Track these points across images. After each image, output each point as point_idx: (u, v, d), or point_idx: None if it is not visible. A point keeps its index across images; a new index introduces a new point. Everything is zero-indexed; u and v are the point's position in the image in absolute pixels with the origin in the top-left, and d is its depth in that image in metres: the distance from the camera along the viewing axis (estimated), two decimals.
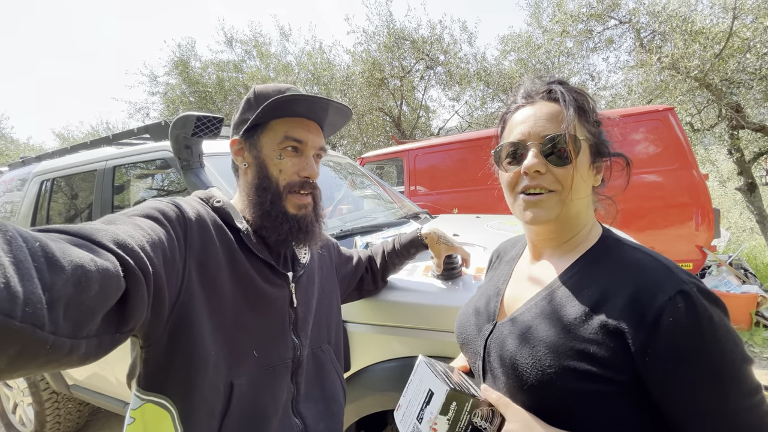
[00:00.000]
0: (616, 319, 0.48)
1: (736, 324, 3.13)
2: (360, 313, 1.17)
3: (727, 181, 6.70)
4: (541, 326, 0.54)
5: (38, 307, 0.32)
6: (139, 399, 0.61)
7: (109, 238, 0.46)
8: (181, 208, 0.64)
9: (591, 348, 0.49)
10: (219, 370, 0.64)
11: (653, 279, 0.49)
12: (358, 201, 2.34)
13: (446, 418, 0.54)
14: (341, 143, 9.86)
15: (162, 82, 10.18)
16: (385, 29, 7.97)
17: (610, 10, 5.83)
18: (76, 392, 2.05)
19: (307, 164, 0.75)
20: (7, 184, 2.66)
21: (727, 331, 0.45)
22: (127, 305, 0.46)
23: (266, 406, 0.69)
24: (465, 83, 8.30)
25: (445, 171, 4.33)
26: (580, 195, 0.57)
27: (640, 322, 0.46)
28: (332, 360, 0.86)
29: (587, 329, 0.50)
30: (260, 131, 0.74)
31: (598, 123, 0.61)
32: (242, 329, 0.68)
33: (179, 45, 9.77)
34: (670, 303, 0.45)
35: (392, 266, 1.13)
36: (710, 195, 3.11)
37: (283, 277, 0.76)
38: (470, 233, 1.64)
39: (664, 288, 0.47)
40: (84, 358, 0.40)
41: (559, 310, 0.54)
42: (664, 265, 0.50)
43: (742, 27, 4.44)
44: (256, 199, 0.73)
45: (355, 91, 8.52)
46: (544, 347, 0.52)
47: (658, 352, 0.45)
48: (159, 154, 1.73)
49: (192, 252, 0.62)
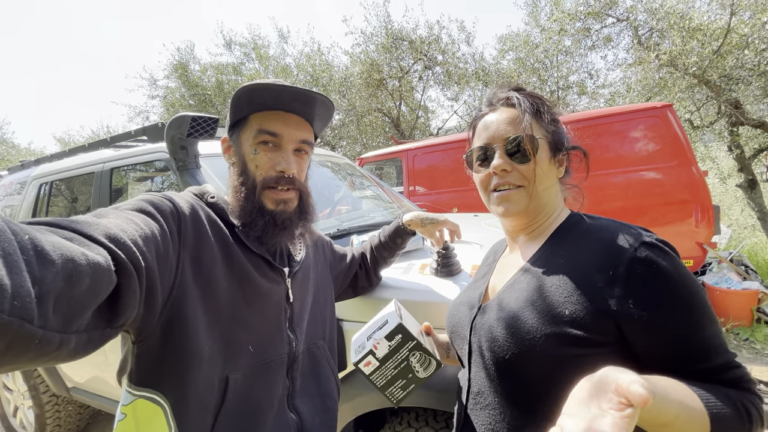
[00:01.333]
0: (590, 279, 0.53)
1: (737, 321, 3.12)
2: (356, 311, 1.16)
3: (728, 178, 6.67)
4: (519, 300, 0.58)
5: (27, 300, 0.32)
6: (131, 395, 0.61)
7: (101, 231, 0.45)
8: (174, 202, 0.63)
9: (567, 311, 0.52)
10: (214, 365, 0.63)
11: (617, 237, 0.54)
12: (356, 201, 2.34)
13: (389, 343, 0.63)
14: (340, 144, 9.87)
15: (161, 86, 10.22)
16: (383, 30, 7.98)
17: (607, 8, 5.83)
18: (76, 395, 2.05)
19: (282, 158, 0.72)
20: (7, 187, 2.67)
21: (686, 270, 0.52)
22: (119, 300, 0.45)
23: (261, 401, 0.69)
24: (463, 83, 8.30)
25: (444, 171, 4.33)
26: (545, 186, 0.64)
27: (614, 277, 0.51)
28: (327, 356, 0.86)
29: (563, 294, 0.54)
30: (240, 127, 0.74)
31: (555, 122, 0.67)
32: (238, 324, 0.67)
33: (178, 48, 9.81)
34: (637, 253, 0.51)
35: (382, 260, 1.12)
36: (710, 192, 3.10)
37: (279, 272, 0.76)
38: (469, 231, 1.64)
39: (628, 242, 0.53)
40: (74, 353, 0.40)
41: (535, 282, 0.58)
42: (623, 224, 0.57)
43: (740, 23, 4.43)
44: (236, 195, 0.73)
45: (354, 92, 8.53)
46: (523, 317, 0.56)
47: (637, 298, 0.50)
48: (156, 155, 1.73)
49: (186, 246, 0.62)
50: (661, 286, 0.50)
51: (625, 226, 0.56)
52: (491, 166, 0.64)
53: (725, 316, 3.15)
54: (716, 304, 3.24)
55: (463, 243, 1.33)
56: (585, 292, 0.52)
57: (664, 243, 0.53)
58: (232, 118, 0.73)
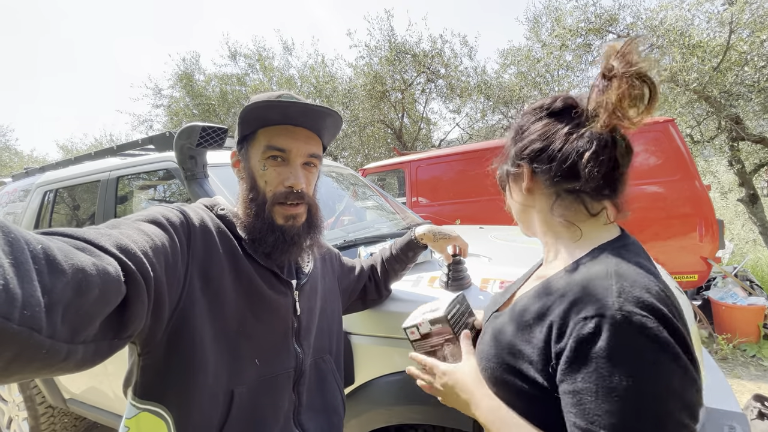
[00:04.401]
0: (549, 326, 0.51)
1: (744, 337, 3.08)
2: (364, 324, 1.15)
3: (729, 193, 6.69)
4: (507, 321, 0.59)
5: (36, 310, 0.32)
6: (135, 408, 0.60)
7: (112, 242, 0.45)
8: (186, 214, 0.64)
9: (525, 348, 0.53)
10: (219, 379, 0.63)
11: (588, 294, 0.48)
12: (360, 212, 2.34)
13: (430, 327, 0.72)
14: (342, 155, 9.92)
15: (166, 95, 10.33)
16: (387, 43, 8.10)
17: (608, 24, 5.93)
18: (73, 406, 2.01)
19: (291, 173, 0.71)
20: (10, 194, 2.67)
21: (643, 365, 0.42)
22: (127, 311, 0.45)
23: (266, 417, 0.68)
24: (466, 96, 8.39)
25: (447, 182, 4.34)
26: (515, 209, 0.69)
27: (560, 332, 0.49)
28: (333, 371, 0.85)
29: (529, 331, 0.54)
30: (249, 142, 0.73)
31: (518, 137, 0.65)
32: (245, 337, 0.67)
33: (184, 59, 9.94)
34: (583, 322, 0.46)
35: (393, 272, 1.11)
36: (713, 206, 3.09)
37: (287, 284, 0.75)
38: (476, 244, 1.63)
39: (590, 305, 0.47)
40: (81, 364, 0.39)
41: (520, 312, 0.58)
42: (608, 284, 0.47)
43: (739, 41, 4.50)
44: (246, 211, 0.72)
45: (357, 103, 8.61)
46: (498, 339, 0.58)
47: (565, 360, 0.47)
48: (162, 164, 1.73)
49: (195, 258, 0.62)
50: (585, 356, 0.45)
51: (605, 288, 0.47)
52: None
53: (731, 331, 3.11)
54: (722, 319, 3.21)
55: (471, 256, 1.31)
56: (543, 336, 0.51)
57: (631, 322, 0.43)
58: (240, 132, 0.73)
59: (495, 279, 1.17)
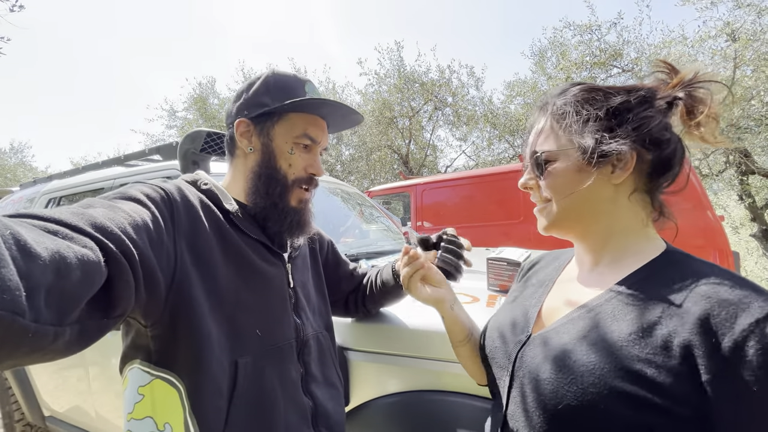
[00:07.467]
0: (683, 339, 0.40)
1: None
2: (362, 340, 1.07)
3: (740, 228, 6.58)
4: (587, 340, 0.47)
5: (16, 294, 0.32)
6: (149, 374, 0.61)
7: (86, 222, 0.44)
8: (165, 189, 0.63)
9: (647, 370, 0.41)
10: (222, 349, 0.63)
11: (733, 295, 0.40)
12: (365, 231, 2.30)
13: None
14: (349, 178, 10.02)
15: (180, 117, 10.65)
16: (396, 72, 8.37)
17: (612, 59, 6.09)
18: (52, 425, 1.90)
19: (315, 161, 0.77)
20: (15, 203, 2.67)
21: None
22: (112, 290, 0.45)
23: (274, 386, 0.69)
24: (472, 124, 8.55)
25: (452, 207, 4.31)
26: (566, 194, 0.54)
27: (715, 347, 0.38)
28: (330, 348, 0.85)
29: (644, 348, 0.42)
30: (275, 119, 0.73)
31: (596, 119, 0.52)
32: (241, 308, 0.67)
33: (200, 83, 10.33)
34: (757, 327, 0.37)
35: (372, 296, 0.97)
36: (727, 237, 3.00)
37: (278, 256, 0.76)
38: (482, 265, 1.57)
39: (749, 307, 0.38)
40: (70, 346, 0.40)
41: (610, 324, 0.46)
42: (747, 282, 0.42)
43: (743, 77, 4.56)
44: (263, 189, 0.73)
45: (365, 129, 8.78)
46: (589, 364, 0.45)
47: (737, 384, 0.37)
48: (166, 172, 1.72)
49: (180, 232, 0.61)
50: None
51: (749, 284, 0.41)
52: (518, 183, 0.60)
53: None
54: None
55: (477, 272, 1.25)
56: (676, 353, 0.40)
57: None
58: (258, 104, 0.72)
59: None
